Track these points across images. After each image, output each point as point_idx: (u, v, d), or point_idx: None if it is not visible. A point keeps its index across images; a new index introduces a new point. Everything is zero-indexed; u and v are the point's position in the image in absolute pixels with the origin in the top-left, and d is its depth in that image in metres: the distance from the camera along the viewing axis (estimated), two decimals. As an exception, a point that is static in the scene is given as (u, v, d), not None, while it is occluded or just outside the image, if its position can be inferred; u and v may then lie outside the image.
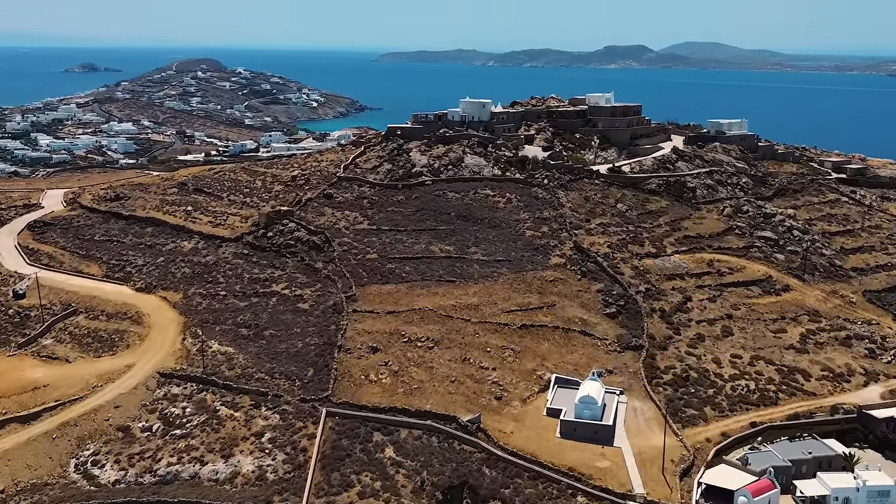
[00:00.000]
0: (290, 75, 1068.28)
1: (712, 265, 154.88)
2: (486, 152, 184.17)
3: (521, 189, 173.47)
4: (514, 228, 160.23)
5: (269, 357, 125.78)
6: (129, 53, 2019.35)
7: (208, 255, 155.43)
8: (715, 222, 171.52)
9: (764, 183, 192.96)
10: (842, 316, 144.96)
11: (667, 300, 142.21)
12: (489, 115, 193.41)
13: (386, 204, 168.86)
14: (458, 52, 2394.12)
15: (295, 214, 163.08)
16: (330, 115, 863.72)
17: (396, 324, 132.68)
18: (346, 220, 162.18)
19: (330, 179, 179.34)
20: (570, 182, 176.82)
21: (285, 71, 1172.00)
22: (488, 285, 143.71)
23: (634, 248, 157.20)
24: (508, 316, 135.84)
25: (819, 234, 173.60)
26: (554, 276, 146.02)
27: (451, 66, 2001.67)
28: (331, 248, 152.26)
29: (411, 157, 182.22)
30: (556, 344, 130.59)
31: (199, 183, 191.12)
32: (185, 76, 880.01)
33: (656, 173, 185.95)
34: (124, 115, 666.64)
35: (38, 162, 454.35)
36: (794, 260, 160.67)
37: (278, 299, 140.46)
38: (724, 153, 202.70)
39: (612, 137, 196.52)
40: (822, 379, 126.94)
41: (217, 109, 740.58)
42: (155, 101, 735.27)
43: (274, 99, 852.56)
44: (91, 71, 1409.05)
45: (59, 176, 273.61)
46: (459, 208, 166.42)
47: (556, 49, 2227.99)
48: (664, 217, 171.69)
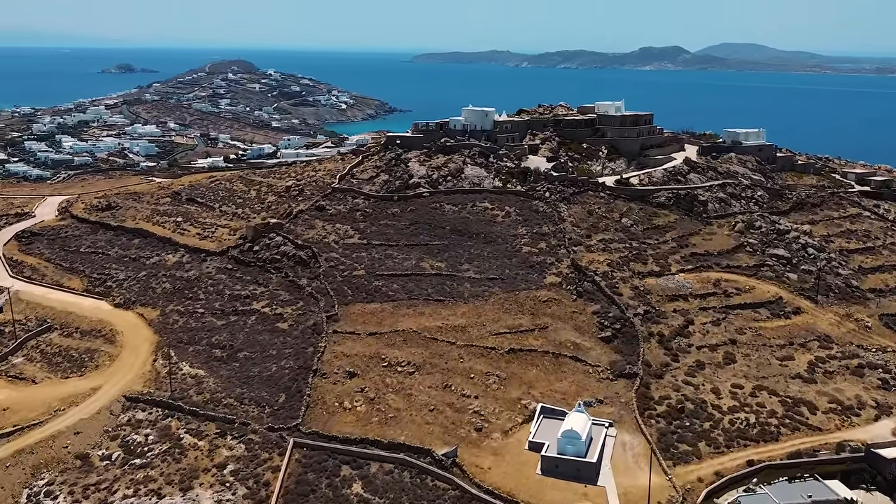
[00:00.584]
0: (324, 77, 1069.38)
1: (719, 285, 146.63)
2: (488, 163, 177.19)
3: (521, 202, 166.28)
4: (511, 244, 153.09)
5: (241, 381, 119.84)
6: (166, 54, 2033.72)
7: (191, 270, 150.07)
8: (725, 238, 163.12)
9: (780, 196, 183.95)
10: (855, 342, 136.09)
11: (667, 323, 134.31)
12: (492, 124, 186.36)
13: (379, 217, 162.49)
14: (491, 53, 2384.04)
15: (284, 227, 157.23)
16: (358, 117, 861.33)
17: (378, 346, 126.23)
18: (337, 234, 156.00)
19: (325, 190, 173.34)
20: (573, 195, 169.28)
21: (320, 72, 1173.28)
22: (478, 305, 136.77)
23: (637, 266, 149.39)
24: (496, 339, 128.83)
25: (836, 251, 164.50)
26: (548, 297, 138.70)
27: (485, 68, 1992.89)
28: (317, 263, 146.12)
29: (409, 168, 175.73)
30: (544, 370, 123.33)
31: (193, 192, 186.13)
32: (216, 78, 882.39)
33: (666, 186, 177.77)
34: (151, 117, 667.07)
35: (61, 164, 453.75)
36: (807, 280, 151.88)
37: (257, 318, 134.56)
38: (739, 164, 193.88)
39: (621, 147, 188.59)
40: (830, 412, 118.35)
41: (245, 111, 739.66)
42: (183, 102, 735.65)
43: (303, 101, 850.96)
44: (127, 72, 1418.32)
45: (64, 182, 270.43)
46: (455, 222, 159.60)
47: (591, 50, 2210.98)
48: (671, 232, 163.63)
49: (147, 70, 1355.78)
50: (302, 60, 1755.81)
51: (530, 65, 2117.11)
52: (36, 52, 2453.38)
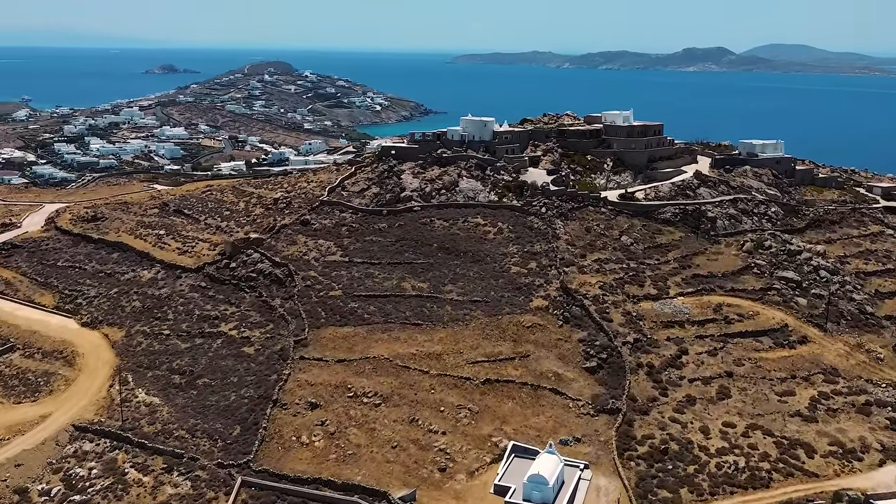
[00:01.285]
0: (362, 78, 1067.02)
1: (720, 310, 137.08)
2: (484, 176, 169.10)
3: (515, 218, 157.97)
4: (500, 263, 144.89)
5: (196, 411, 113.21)
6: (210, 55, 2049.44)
7: (164, 288, 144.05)
8: (732, 259, 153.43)
9: (796, 213, 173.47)
10: (864, 376, 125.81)
11: (658, 353, 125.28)
12: (491, 135, 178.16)
13: (366, 232, 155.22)
14: (533, 55, 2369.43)
15: (264, 243, 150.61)
16: (393, 119, 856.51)
17: (345, 375, 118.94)
18: (318, 251, 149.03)
19: (313, 203, 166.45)
20: (571, 210, 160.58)
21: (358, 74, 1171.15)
22: (457, 330, 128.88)
23: (632, 288, 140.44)
24: (473, 368, 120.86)
25: (852, 273, 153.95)
26: (532, 322, 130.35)
27: (525, 69, 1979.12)
28: (293, 282, 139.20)
29: (402, 180, 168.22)
30: (521, 403, 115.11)
31: (183, 203, 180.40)
32: (252, 79, 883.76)
33: (673, 201, 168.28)
34: (184, 119, 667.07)
35: (86, 167, 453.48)
36: (817, 305, 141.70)
37: (223, 341, 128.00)
38: (754, 178, 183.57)
39: (628, 160, 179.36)
40: (829, 455, 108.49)
41: (278, 113, 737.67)
42: (217, 104, 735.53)
43: (338, 102, 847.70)
44: (170, 72, 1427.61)
45: (73, 187, 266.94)
46: (444, 239, 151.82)
47: (633, 51, 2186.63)
48: (674, 252, 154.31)
49: (189, 71, 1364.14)
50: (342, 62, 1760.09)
51: (572, 66, 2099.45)
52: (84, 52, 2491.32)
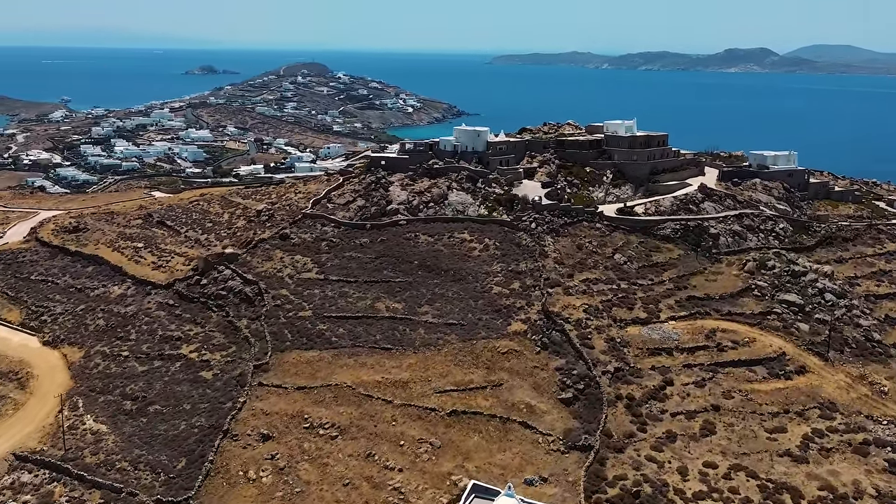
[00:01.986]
0: (397, 79, 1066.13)
1: (713, 336, 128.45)
2: (475, 188, 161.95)
3: (504, 234, 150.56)
4: (481, 283, 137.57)
5: (143, 440, 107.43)
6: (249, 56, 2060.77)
7: (131, 305, 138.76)
8: (732, 279, 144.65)
9: (807, 229, 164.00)
10: (864, 411, 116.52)
11: (640, 384, 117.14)
12: (485, 145, 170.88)
13: (346, 248, 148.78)
14: (572, 55, 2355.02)
15: (239, 258, 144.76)
16: (424, 121, 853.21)
17: (303, 404, 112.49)
18: (293, 267, 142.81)
19: (296, 216, 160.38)
20: (564, 226, 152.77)
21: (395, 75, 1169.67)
22: (428, 356, 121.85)
23: (620, 311, 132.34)
24: (440, 398, 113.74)
25: (861, 296, 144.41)
26: (508, 347, 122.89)
27: (564, 70, 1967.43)
28: (262, 301, 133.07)
29: (390, 193, 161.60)
30: (487, 438, 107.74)
31: (167, 214, 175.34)
32: (285, 81, 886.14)
33: (674, 216, 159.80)
34: (213, 121, 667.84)
35: (108, 169, 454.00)
36: (820, 332, 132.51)
37: (182, 364, 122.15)
38: (763, 192, 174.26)
39: (629, 172, 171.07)
40: (818, 502, 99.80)
41: (307, 115, 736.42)
42: (247, 106, 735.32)
43: (370, 104, 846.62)
44: (210, 73, 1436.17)
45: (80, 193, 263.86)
46: (426, 256, 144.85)
47: (674, 52, 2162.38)
48: (671, 271, 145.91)
49: (228, 72, 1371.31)
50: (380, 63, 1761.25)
51: (611, 66, 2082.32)
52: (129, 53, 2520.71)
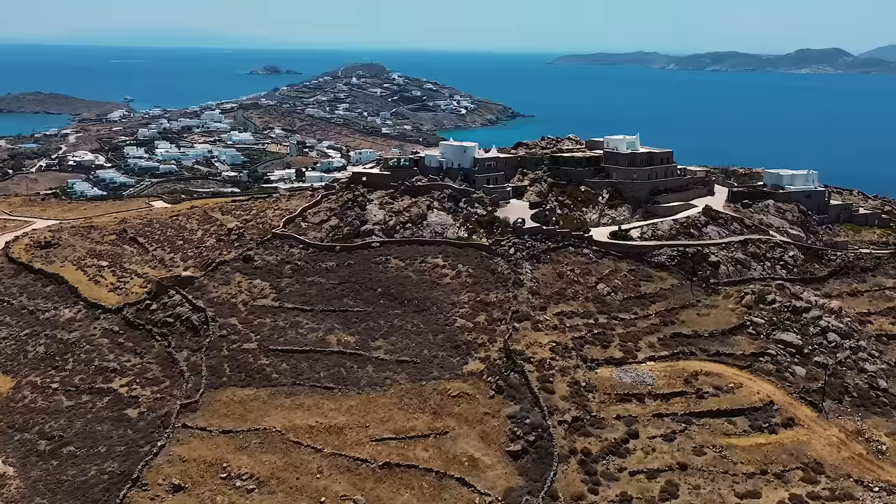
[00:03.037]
0: (455, 80, 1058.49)
1: (694, 380, 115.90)
2: (457, 208, 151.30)
3: (480, 259, 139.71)
4: (446, 315, 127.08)
5: (48, 486, 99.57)
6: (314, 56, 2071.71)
7: (77, 330, 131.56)
8: (726, 314, 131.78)
9: (820, 257, 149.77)
10: (855, 474, 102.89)
11: (600, 436, 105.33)
12: (471, 162, 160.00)
13: (310, 272, 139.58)
14: (638, 55, 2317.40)
15: (196, 282, 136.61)
16: (478, 123, 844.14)
17: (226, 450, 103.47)
18: (249, 293, 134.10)
19: (266, 235, 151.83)
20: (547, 251, 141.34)
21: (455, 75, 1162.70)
22: (372, 397, 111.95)
23: (593, 350, 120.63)
24: (375, 447, 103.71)
25: (871, 336, 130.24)
26: (460, 390, 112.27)
27: (628, 70, 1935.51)
28: (208, 331, 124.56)
29: (366, 212, 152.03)
30: (419, 496, 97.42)
31: (144, 229, 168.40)
32: (339, 82, 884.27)
33: (672, 241, 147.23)
34: (262, 123, 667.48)
35: (146, 172, 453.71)
36: (817, 377, 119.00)
37: (110, 400, 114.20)
38: (776, 214, 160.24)
39: (627, 192, 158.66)
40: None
41: (357, 117, 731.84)
42: (297, 108, 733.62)
43: (423, 106, 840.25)
44: (273, 73, 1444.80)
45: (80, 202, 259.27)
46: (392, 283, 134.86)
47: (743, 52, 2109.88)
48: (659, 304, 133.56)
49: (292, 72, 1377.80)
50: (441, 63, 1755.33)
51: (677, 67, 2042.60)
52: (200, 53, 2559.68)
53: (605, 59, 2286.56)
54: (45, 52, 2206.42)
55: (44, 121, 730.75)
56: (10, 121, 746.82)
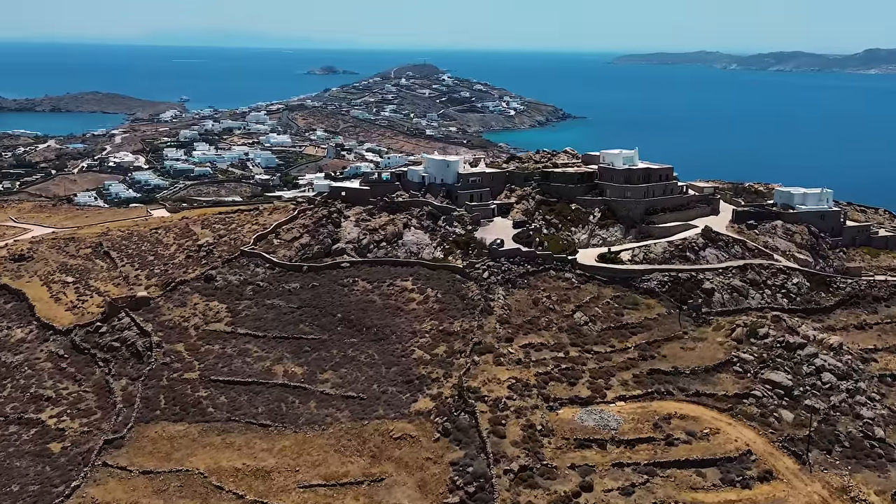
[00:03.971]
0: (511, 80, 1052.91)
1: (665, 424, 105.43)
2: (435, 227, 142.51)
3: (452, 283, 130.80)
4: (404, 345, 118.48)
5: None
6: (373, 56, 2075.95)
7: (23, 353, 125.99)
8: (713, 349, 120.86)
9: (828, 285, 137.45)
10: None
11: (549, 488, 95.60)
12: (455, 177, 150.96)
13: (272, 294, 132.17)
14: (699, 54, 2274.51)
15: (152, 303, 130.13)
16: (526, 125, 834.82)
17: (143, 493, 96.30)
18: (203, 316, 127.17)
19: (234, 252, 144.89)
20: (524, 275, 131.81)
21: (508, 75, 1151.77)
22: (309, 437, 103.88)
23: (558, 387, 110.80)
24: (301, 495, 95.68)
25: (874, 376, 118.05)
26: (404, 432, 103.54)
27: (688, 70, 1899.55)
28: (151, 358, 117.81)
29: (341, 229, 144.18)
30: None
31: (121, 242, 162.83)
32: (388, 83, 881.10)
33: (664, 265, 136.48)
34: (305, 124, 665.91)
35: (181, 174, 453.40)
36: (806, 423, 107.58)
37: (37, 432, 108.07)
38: (784, 237, 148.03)
39: (620, 210, 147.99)
40: None
41: (402, 118, 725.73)
42: (342, 109, 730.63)
43: (471, 107, 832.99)
44: (330, 73, 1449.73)
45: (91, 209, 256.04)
46: (353, 307, 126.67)
47: (808, 52, 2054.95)
48: (641, 335, 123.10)
49: (348, 72, 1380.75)
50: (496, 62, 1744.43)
51: (739, 67, 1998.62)
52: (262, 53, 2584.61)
53: (666, 59, 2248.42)
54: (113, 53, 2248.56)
55: (100, 120, 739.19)
56: (67, 120, 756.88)
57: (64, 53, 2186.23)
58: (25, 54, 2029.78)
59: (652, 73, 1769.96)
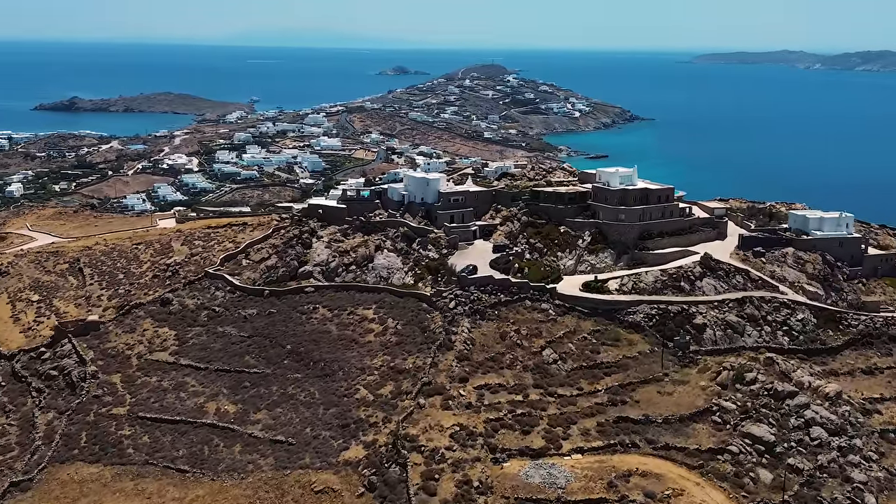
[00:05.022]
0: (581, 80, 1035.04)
1: (622, 483, 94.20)
2: (409, 250, 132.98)
3: (416, 313, 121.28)
4: (350, 382, 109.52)
5: None
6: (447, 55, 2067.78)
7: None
8: (693, 394, 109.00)
9: (838, 322, 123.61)
10: None
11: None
12: (435, 196, 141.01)
13: (226, 320, 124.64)
14: (783, 54, 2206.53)
15: (101, 327, 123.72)
16: (591, 127, 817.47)
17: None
18: (149, 344, 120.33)
19: (199, 273, 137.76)
20: (495, 306, 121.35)
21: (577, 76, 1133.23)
22: (225, 486, 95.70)
23: (509, 436, 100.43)
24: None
25: (874, 431, 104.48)
26: (326, 485, 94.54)
27: (769, 70, 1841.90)
28: (83, 389, 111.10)
29: (310, 251, 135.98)
30: None
31: (100, 258, 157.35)
32: (452, 84, 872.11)
33: (656, 295, 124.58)
34: (362, 127, 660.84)
35: (228, 177, 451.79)
36: (785, 486, 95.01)
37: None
38: (795, 266, 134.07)
39: (612, 234, 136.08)
40: None
41: (461, 121, 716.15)
42: (401, 111, 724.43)
43: (535, 108, 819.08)
44: (401, 73, 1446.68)
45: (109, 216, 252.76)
46: (306, 338, 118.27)
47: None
48: (616, 376, 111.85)
49: (420, 72, 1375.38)
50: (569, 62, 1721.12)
51: (824, 67, 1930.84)
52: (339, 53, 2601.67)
53: (747, 59, 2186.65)
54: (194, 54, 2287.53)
55: (170, 121, 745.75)
56: (139, 120, 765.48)
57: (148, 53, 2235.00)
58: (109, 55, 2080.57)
59: (731, 72, 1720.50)
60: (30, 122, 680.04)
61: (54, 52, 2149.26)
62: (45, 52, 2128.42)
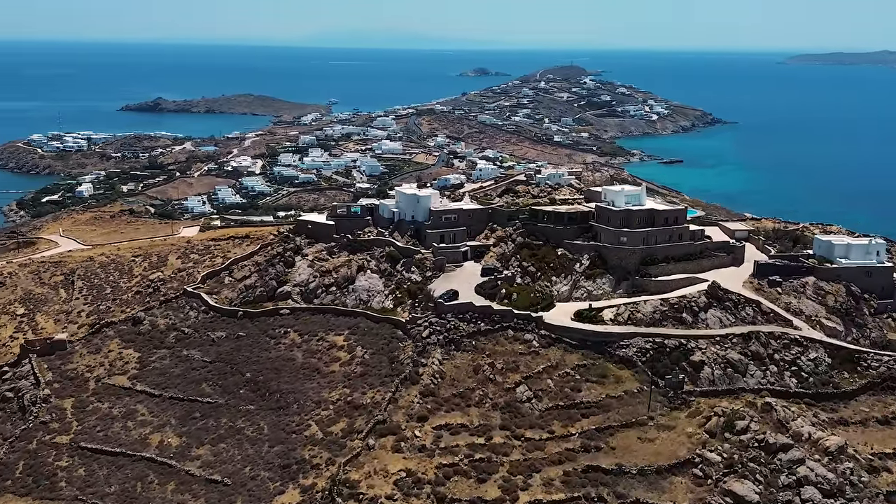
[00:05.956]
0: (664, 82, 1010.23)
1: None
2: (393, 271, 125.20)
3: (388, 341, 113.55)
4: (303, 416, 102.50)
5: None
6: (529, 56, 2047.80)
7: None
8: (678, 442, 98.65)
9: (856, 363, 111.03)
10: None
11: None
12: (426, 214, 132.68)
13: (194, 342, 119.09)
14: (881, 54, 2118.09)
15: (68, 347, 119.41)
16: (669, 130, 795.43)
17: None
18: (109, 367, 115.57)
19: (179, 291, 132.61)
20: (472, 335, 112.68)
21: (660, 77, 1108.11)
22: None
23: (461, 485, 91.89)
24: None
25: (879, 493, 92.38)
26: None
27: (866, 71, 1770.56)
28: (32, 415, 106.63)
29: (292, 270, 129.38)
30: None
31: (95, 270, 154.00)
32: (526, 87, 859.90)
33: (654, 327, 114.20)
34: (429, 130, 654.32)
35: (287, 180, 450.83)
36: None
37: None
38: (814, 297, 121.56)
39: (612, 258, 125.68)
40: None
41: (532, 124, 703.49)
42: (470, 114, 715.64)
43: (610, 111, 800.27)
44: (482, 75, 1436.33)
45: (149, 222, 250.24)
46: (268, 365, 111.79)
47: None
48: (593, 418, 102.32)
49: (500, 73, 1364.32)
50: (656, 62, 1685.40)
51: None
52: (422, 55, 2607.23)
53: (844, 59, 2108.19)
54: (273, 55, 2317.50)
55: (248, 122, 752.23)
56: (218, 121, 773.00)
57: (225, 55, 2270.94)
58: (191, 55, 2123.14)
59: (825, 74, 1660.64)
60: (115, 122, 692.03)
61: (139, 53, 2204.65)
62: (130, 53, 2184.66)
